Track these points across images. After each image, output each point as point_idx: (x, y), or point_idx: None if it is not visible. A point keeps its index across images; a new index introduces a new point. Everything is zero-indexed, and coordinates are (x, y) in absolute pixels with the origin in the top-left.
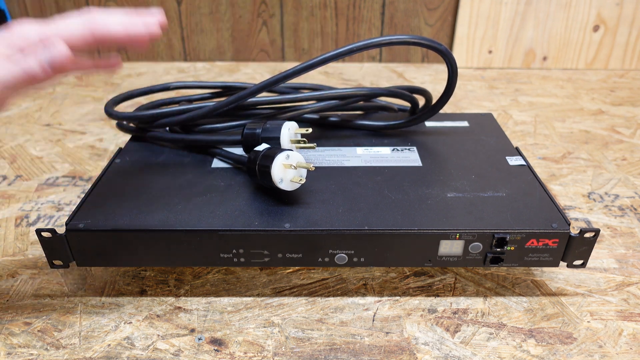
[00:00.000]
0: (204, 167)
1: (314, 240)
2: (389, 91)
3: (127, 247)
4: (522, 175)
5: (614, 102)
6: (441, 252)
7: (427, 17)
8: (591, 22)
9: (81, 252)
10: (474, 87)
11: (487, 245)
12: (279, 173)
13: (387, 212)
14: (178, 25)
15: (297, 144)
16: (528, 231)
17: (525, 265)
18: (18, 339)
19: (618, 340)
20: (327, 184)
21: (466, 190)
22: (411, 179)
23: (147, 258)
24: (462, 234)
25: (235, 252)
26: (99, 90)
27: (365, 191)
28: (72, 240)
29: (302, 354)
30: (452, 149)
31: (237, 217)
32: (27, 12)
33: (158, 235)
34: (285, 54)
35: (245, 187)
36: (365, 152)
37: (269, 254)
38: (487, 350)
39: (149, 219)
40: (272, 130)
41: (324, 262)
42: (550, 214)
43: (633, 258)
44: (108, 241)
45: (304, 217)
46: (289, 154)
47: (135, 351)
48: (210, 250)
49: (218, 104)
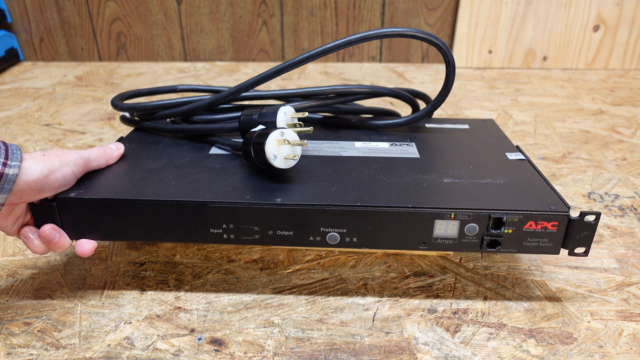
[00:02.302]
0: (202, 153)
1: (306, 216)
2: (391, 91)
3: (117, 219)
4: (521, 167)
5: (614, 102)
6: (436, 234)
7: (427, 17)
8: (591, 22)
9: (71, 222)
10: (474, 87)
11: (484, 227)
12: (273, 149)
13: (381, 191)
14: (178, 25)
15: (293, 128)
16: (526, 212)
17: (524, 251)
18: (18, 339)
19: (618, 340)
20: (323, 169)
21: (463, 177)
22: (408, 167)
23: (137, 232)
24: (458, 213)
25: (226, 227)
26: (99, 90)
27: (360, 175)
28: (62, 208)
29: (302, 354)
30: (451, 145)
31: (229, 192)
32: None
33: (148, 206)
34: (285, 54)
35: (240, 169)
36: (363, 145)
37: (259, 231)
38: (487, 350)
39: (140, 191)
40: (268, 114)
41: (315, 241)
42: (549, 198)
43: (633, 258)
44: (98, 211)
45: (296, 194)
46: (283, 131)
47: (135, 351)
48: (200, 224)
49: (218, 95)
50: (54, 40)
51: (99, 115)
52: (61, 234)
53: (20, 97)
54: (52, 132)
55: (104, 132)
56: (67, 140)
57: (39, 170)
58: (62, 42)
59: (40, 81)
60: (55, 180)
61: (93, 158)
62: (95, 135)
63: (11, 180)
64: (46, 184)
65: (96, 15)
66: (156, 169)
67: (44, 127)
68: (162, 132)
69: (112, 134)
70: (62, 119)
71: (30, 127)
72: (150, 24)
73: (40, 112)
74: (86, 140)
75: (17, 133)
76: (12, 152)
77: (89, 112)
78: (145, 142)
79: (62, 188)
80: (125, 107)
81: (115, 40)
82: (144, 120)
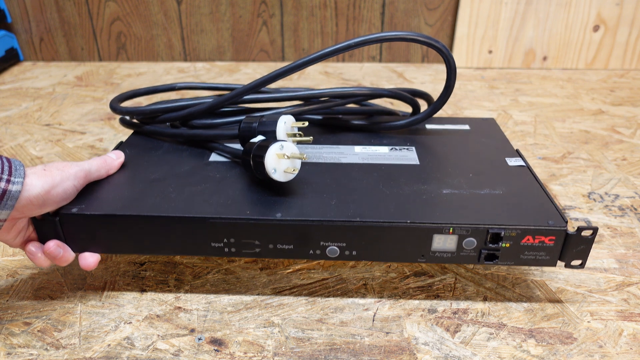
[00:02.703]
0: (202, 160)
1: (305, 230)
2: (391, 92)
3: (119, 233)
4: (520, 175)
5: (614, 102)
6: (434, 247)
7: (427, 17)
8: (591, 22)
9: (73, 237)
10: (474, 87)
11: (482, 241)
12: (273, 163)
13: (380, 204)
14: (178, 25)
15: (293, 138)
16: (523, 227)
17: (521, 264)
18: (18, 339)
19: (618, 340)
20: (322, 179)
21: (462, 187)
22: (407, 176)
23: (139, 245)
24: (456, 228)
25: (226, 241)
26: (99, 90)
27: (359, 185)
28: (65, 224)
29: (302, 354)
30: (451, 149)
31: (229, 205)
32: (27, 12)
33: (149, 221)
34: (285, 54)
35: (240, 179)
36: (363, 150)
37: (259, 245)
38: (487, 350)
39: (141, 205)
40: (268, 123)
41: (315, 254)
42: (547, 212)
43: (633, 258)
44: (100, 226)
45: (296, 208)
46: (283, 144)
47: (135, 351)
48: (201, 238)
49: (218, 99)
50: (54, 40)
51: (99, 115)
52: (65, 249)
53: (20, 97)
54: (52, 132)
55: (104, 132)
56: (67, 140)
57: (41, 186)
58: (62, 42)
59: (40, 81)
60: (56, 194)
61: (94, 169)
62: (95, 135)
63: (14, 197)
64: (47, 199)
65: (96, 15)
66: (156, 180)
67: (44, 127)
68: (161, 136)
69: (112, 134)
70: (62, 119)
71: (30, 127)
72: (150, 24)
73: (40, 112)
74: (86, 141)
75: (17, 133)
76: (15, 168)
77: (89, 112)
78: (145, 148)
79: (64, 202)
80: (124, 111)
81: (115, 40)
82: (144, 123)
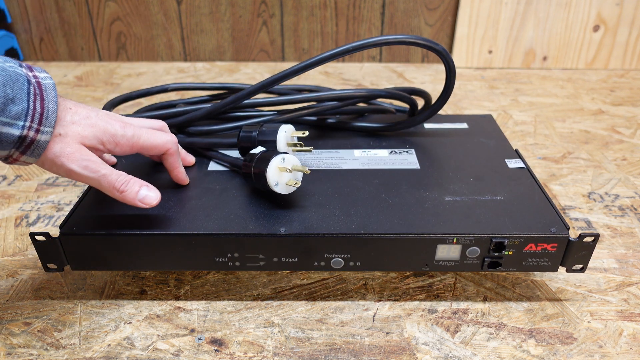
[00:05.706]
0: (200, 170)
1: (310, 244)
2: (388, 92)
3: (121, 251)
4: (521, 178)
5: (614, 102)
6: (438, 257)
7: (427, 17)
8: (591, 22)
9: (75, 255)
10: (474, 87)
11: (485, 250)
12: (275, 176)
13: (383, 216)
14: (178, 25)
15: (293, 147)
16: (526, 236)
17: (523, 269)
18: (18, 339)
19: (618, 340)
20: (324, 187)
21: (464, 193)
22: (409, 182)
23: (142, 262)
24: (460, 238)
25: (231, 256)
26: (99, 90)
27: (362, 194)
28: (66, 244)
29: (302, 354)
30: (450, 152)
31: (232, 220)
32: (27, 12)
33: (152, 239)
34: (285, 54)
35: (241, 191)
36: (362, 154)
37: (264, 258)
38: (487, 350)
39: (143, 222)
40: (268, 133)
41: (320, 266)
42: (549, 218)
43: (633, 258)
44: (102, 245)
45: (299, 221)
46: (285, 157)
47: (135, 351)
48: (205, 254)
49: (216, 105)
50: (54, 40)
51: None
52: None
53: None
54: None
55: None
56: None
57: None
58: (62, 42)
59: None
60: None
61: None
62: None
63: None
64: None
65: (96, 15)
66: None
67: None
68: None
69: None
70: None
71: None
72: (150, 24)
73: None
74: None
75: None
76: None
77: None
78: (142, 158)
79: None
80: None
81: (115, 40)
82: None
